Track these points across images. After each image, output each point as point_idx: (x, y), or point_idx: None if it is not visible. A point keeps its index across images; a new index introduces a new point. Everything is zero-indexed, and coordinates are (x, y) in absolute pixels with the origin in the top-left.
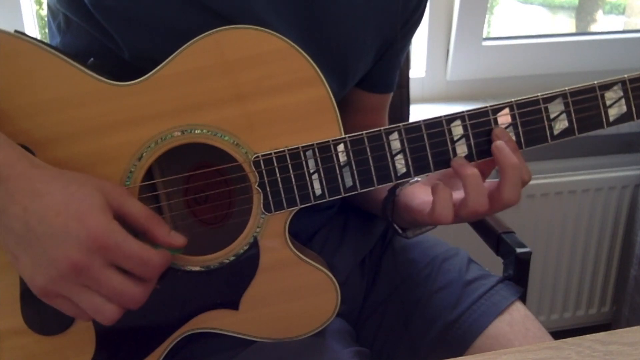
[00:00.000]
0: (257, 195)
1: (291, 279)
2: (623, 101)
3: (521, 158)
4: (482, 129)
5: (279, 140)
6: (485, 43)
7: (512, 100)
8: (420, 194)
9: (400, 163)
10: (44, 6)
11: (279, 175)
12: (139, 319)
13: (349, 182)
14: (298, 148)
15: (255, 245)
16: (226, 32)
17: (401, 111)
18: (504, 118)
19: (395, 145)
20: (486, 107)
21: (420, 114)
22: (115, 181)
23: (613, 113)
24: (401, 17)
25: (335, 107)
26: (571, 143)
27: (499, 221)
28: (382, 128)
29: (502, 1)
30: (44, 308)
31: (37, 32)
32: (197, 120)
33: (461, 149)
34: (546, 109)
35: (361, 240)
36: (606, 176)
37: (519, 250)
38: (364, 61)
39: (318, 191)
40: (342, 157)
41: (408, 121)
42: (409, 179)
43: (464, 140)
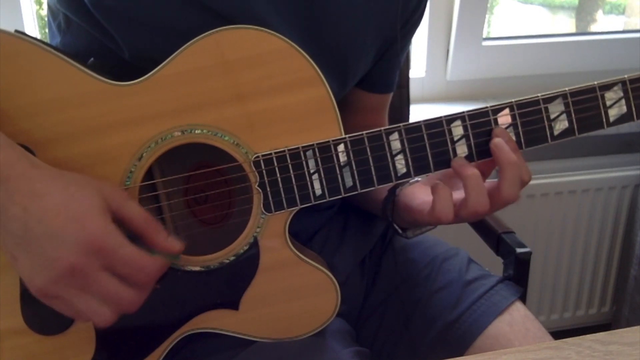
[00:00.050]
0: (257, 195)
1: (291, 279)
2: (623, 101)
3: (521, 158)
4: (482, 129)
5: (279, 140)
6: (485, 43)
7: (512, 100)
8: (420, 194)
9: (400, 163)
10: (44, 6)
11: (279, 175)
12: (139, 319)
13: (349, 182)
14: (298, 148)
15: (255, 245)
16: (226, 32)
17: (401, 111)
18: (504, 118)
19: (396, 145)
20: (486, 107)
21: (420, 114)
22: (115, 181)
23: (613, 113)
24: (401, 17)
25: (336, 107)
26: (571, 143)
27: (499, 221)
28: (383, 128)
29: (502, 1)
30: (44, 308)
31: (37, 32)
32: (197, 120)
33: (461, 149)
34: (546, 109)
35: (361, 240)
36: (606, 176)
37: (519, 250)
38: (364, 61)
39: (318, 191)
40: (343, 157)
41: (408, 121)
42: (409, 179)
43: (464, 140)
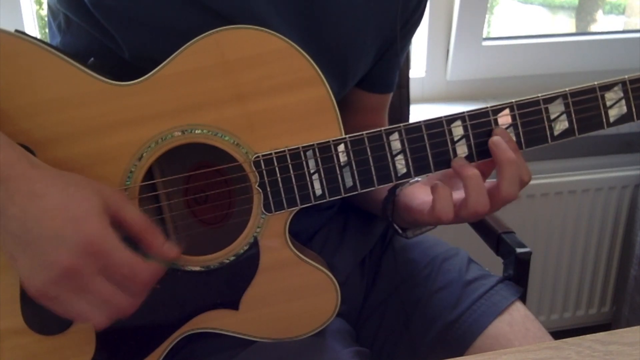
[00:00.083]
0: (257, 195)
1: (291, 279)
2: (623, 102)
3: (521, 158)
4: (482, 129)
5: (280, 140)
6: (485, 43)
7: (513, 100)
8: (420, 194)
9: (400, 163)
10: (44, 6)
11: (279, 175)
12: (139, 319)
13: (349, 182)
14: (298, 148)
15: (255, 245)
16: (226, 32)
17: (401, 111)
18: (504, 119)
19: (396, 145)
20: (486, 107)
21: (420, 114)
22: (115, 181)
23: (613, 114)
24: (401, 17)
25: (336, 107)
26: (571, 143)
27: (499, 221)
28: (383, 128)
29: (502, 1)
30: (44, 308)
31: (37, 32)
32: (197, 120)
33: (461, 149)
34: (546, 110)
35: (361, 240)
36: (606, 176)
37: (519, 250)
38: (364, 61)
39: (318, 191)
40: (343, 157)
41: (408, 121)
42: (409, 179)
43: (464, 140)
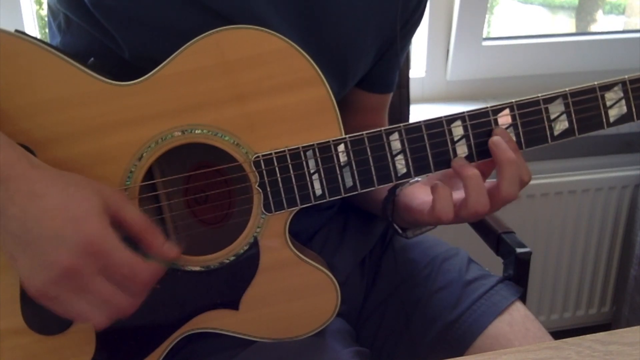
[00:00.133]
0: (257, 195)
1: (291, 279)
2: (623, 102)
3: (521, 158)
4: (482, 129)
5: (280, 140)
6: (485, 43)
7: (513, 100)
8: (420, 194)
9: (400, 163)
10: (44, 6)
11: (279, 175)
12: (139, 319)
13: (349, 182)
14: (298, 148)
15: (255, 245)
16: (226, 32)
17: (401, 111)
18: (504, 119)
19: (396, 145)
20: (486, 107)
21: (420, 114)
22: (115, 181)
23: (613, 114)
24: (401, 17)
25: (336, 107)
26: (571, 143)
27: (499, 221)
28: (383, 128)
29: (502, 1)
30: (44, 308)
31: (37, 32)
32: (197, 120)
33: (461, 149)
34: (546, 110)
35: (361, 240)
36: (606, 176)
37: (519, 250)
38: (364, 61)
39: (318, 191)
40: (343, 157)
41: (408, 121)
42: (409, 179)
43: (464, 140)
